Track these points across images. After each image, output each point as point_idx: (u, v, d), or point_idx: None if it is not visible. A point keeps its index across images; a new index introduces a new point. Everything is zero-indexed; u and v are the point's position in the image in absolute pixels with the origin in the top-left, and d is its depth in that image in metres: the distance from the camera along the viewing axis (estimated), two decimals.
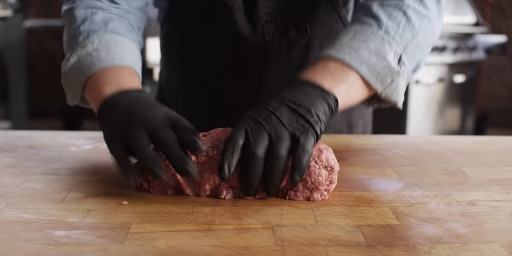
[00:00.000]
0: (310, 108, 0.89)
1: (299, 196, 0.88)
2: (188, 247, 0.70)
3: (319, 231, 0.76)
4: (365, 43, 0.98)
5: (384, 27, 1.00)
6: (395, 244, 0.72)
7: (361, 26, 1.01)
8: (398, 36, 1.01)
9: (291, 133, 0.86)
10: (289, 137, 0.86)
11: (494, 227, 0.79)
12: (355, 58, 0.97)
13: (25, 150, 1.12)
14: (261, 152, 0.84)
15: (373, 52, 0.98)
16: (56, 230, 0.74)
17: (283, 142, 0.85)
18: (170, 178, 0.88)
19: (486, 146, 1.25)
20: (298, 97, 0.90)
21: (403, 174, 1.02)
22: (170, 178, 0.88)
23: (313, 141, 0.87)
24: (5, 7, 3.90)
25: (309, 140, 0.86)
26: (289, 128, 0.86)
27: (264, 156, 0.84)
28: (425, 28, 1.04)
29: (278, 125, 0.86)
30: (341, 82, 0.95)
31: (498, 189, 0.96)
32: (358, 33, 1.00)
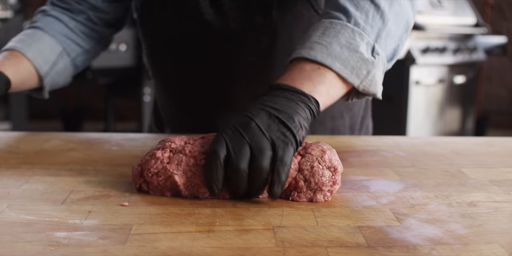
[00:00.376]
0: (291, 114, 0.88)
1: (302, 197, 0.88)
2: (189, 248, 0.70)
3: (320, 232, 0.76)
4: (335, 38, 0.97)
5: (353, 19, 0.99)
6: (395, 245, 0.72)
7: (330, 21, 1.00)
8: (368, 26, 0.99)
9: (271, 143, 0.85)
10: (270, 147, 0.85)
11: (494, 228, 0.79)
12: (327, 54, 0.96)
13: (26, 152, 1.12)
14: (244, 166, 0.84)
15: (345, 46, 0.97)
16: (57, 232, 0.74)
17: (264, 153, 0.84)
18: None
19: (486, 147, 1.25)
20: (279, 103, 0.89)
21: (404, 175, 1.02)
22: None
23: (292, 151, 0.86)
24: (5, 8, 3.90)
25: (288, 152, 0.85)
26: (269, 137, 0.85)
27: (247, 168, 0.84)
28: (395, 13, 1.03)
29: (259, 134, 0.85)
30: (319, 84, 0.94)
31: (499, 190, 0.96)
32: (328, 28, 0.99)
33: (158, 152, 0.91)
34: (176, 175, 0.88)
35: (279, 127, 0.87)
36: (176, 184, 0.88)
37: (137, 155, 1.08)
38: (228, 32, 1.23)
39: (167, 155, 0.90)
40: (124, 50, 3.76)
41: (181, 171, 0.88)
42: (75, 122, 4.85)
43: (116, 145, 1.19)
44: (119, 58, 3.77)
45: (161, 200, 0.87)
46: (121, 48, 3.74)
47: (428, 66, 4.21)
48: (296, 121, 0.88)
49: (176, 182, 0.88)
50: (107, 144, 1.20)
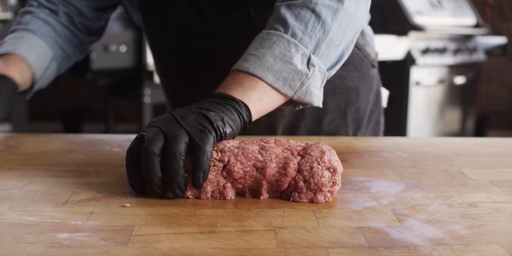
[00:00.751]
0: (213, 110, 0.89)
1: (302, 198, 0.89)
2: (191, 249, 0.70)
3: (321, 233, 0.76)
4: (270, 50, 0.98)
5: (290, 29, 0.99)
6: (396, 246, 0.73)
7: (268, 32, 1.01)
8: (306, 36, 0.99)
9: (188, 132, 0.85)
10: (186, 136, 0.85)
11: (495, 228, 0.79)
12: (259, 66, 0.97)
13: (27, 153, 1.12)
14: (155, 149, 0.84)
15: (278, 58, 0.97)
16: (59, 233, 0.74)
17: (178, 140, 0.84)
18: None
19: (486, 148, 1.25)
20: (206, 105, 0.91)
21: (404, 176, 1.02)
22: None
23: (211, 139, 0.86)
24: (6, 9, 3.90)
25: (207, 140, 0.85)
26: (186, 128, 0.86)
27: (159, 153, 0.84)
28: (340, 21, 1.02)
29: (176, 126, 0.86)
30: (250, 90, 0.95)
31: (499, 190, 0.96)
32: (264, 40, 1.00)
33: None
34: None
35: (198, 118, 0.87)
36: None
37: None
38: (209, 30, 1.24)
39: None
40: (124, 51, 3.76)
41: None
42: (76, 123, 4.85)
43: (117, 146, 1.19)
44: (120, 59, 3.77)
45: (162, 201, 0.87)
46: (121, 49, 3.74)
47: (428, 67, 4.21)
48: (216, 115, 0.88)
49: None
50: (108, 145, 1.20)
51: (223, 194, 0.88)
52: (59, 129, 4.86)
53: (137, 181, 0.88)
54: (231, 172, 0.87)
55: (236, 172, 0.87)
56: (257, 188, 0.89)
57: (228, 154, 0.88)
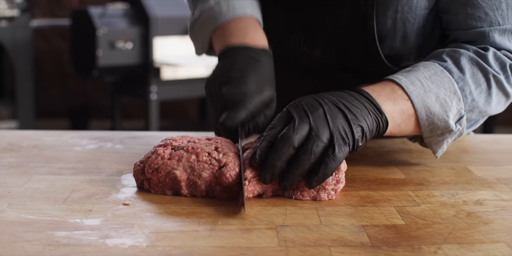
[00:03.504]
0: (360, 121, 0.88)
1: (305, 195, 0.87)
2: (191, 247, 0.69)
3: (323, 231, 0.75)
4: (436, 88, 0.97)
5: (462, 82, 0.99)
6: (400, 245, 0.71)
7: (442, 70, 0.99)
8: (470, 97, 0.99)
9: (330, 135, 0.84)
10: (328, 137, 0.84)
11: (501, 227, 0.78)
12: (421, 99, 0.96)
13: (28, 150, 1.12)
14: (296, 139, 0.83)
15: (439, 101, 0.97)
16: (57, 231, 0.73)
17: (320, 140, 0.83)
18: None
19: (493, 145, 1.23)
20: (354, 106, 0.89)
21: (409, 173, 1.01)
22: None
23: (347, 152, 0.85)
24: (12, 6, 3.90)
25: (343, 150, 0.84)
26: (331, 129, 0.85)
27: (297, 146, 0.83)
28: (498, 102, 1.03)
29: (322, 120, 0.85)
30: (398, 113, 0.94)
31: (506, 188, 0.95)
32: (437, 75, 0.98)
33: (159, 148, 0.90)
34: (176, 170, 0.87)
35: (344, 125, 0.86)
36: (176, 180, 0.87)
37: (140, 153, 1.07)
38: None
39: (169, 152, 0.89)
40: (130, 48, 3.74)
41: (181, 167, 0.87)
42: (82, 120, 4.84)
43: (120, 143, 1.18)
44: (126, 56, 3.76)
45: (163, 199, 0.87)
46: (127, 46, 3.73)
47: None
48: (359, 131, 0.87)
49: (177, 177, 0.87)
50: (111, 142, 1.19)
51: (214, 195, 0.87)
52: (66, 126, 4.86)
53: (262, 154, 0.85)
54: (221, 176, 0.86)
55: (226, 178, 0.85)
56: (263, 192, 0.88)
57: (229, 158, 0.87)
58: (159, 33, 3.79)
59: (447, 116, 0.97)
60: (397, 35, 1.09)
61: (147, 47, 3.83)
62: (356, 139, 0.86)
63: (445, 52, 1.03)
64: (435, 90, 0.97)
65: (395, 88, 0.96)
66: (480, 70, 1.00)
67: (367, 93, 0.92)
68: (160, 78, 3.79)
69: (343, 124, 0.86)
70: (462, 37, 1.06)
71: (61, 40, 5.07)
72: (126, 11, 3.88)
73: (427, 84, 0.97)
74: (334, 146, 0.84)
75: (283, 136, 0.84)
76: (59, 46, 5.10)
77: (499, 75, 1.01)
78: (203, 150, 0.88)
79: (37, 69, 4.70)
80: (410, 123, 0.97)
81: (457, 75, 0.99)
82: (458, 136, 1.02)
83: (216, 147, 0.89)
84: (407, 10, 1.07)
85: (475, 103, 1.00)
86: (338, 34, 1.14)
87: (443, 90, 0.97)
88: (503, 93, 1.03)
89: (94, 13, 3.75)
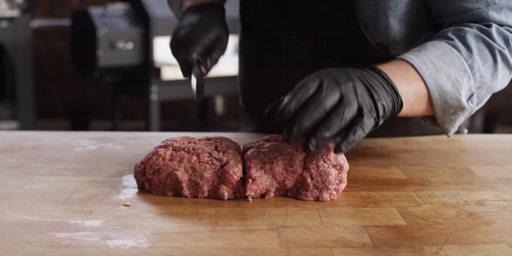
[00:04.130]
0: (382, 100, 0.88)
1: (308, 196, 0.87)
2: (192, 248, 0.69)
3: (325, 232, 0.75)
4: (447, 67, 0.98)
5: (471, 60, 1.00)
6: (401, 245, 0.71)
7: (451, 48, 1.00)
8: (478, 74, 1.01)
9: (359, 106, 0.85)
10: (357, 108, 0.85)
11: (502, 227, 0.78)
12: (433, 79, 0.97)
13: (29, 151, 1.12)
14: (328, 103, 0.83)
15: (451, 80, 0.98)
16: (58, 232, 0.73)
17: (350, 107, 0.84)
18: None
19: (494, 145, 1.23)
20: (375, 85, 0.90)
21: (411, 174, 1.01)
22: None
23: (372, 123, 0.86)
24: (12, 7, 3.90)
25: (370, 121, 0.85)
26: (360, 101, 0.85)
27: (328, 110, 0.83)
28: (503, 76, 1.04)
29: (352, 92, 0.86)
30: (413, 94, 0.95)
31: (507, 188, 0.94)
32: (446, 54, 0.99)
33: (160, 149, 0.90)
34: (177, 171, 0.87)
35: (370, 101, 0.87)
36: (177, 181, 0.87)
37: (141, 154, 1.07)
38: None
39: (170, 152, 0.89)
40: (131, 49, 3.74)
41: (182, 168, 0.87)
42: (83, 121, 4.84)
43: (121, 144, 1.18)
44: (126, 56, 3.75)
45: (163, 200, 0.86)
46: (128, 47, 3.73)
47: None
48: (382, 106, 0.88)
49: (178, 178, 0.86)
50: (112, 143, 1.19)
51: (218, 194, 0.87)
52: (66, 126, 4.86)
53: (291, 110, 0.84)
54: (225, 174, 0.86)
55: (230, 175, 0.85)
56: (266, 191, 0.88)
57: (230, 156, 0.87)
58: (160, 33, 3.79)
59: (459, 94, 0.98)
60: (380, 22, 1.11)
61: (147, 47, 3.82)
62: (380, 115, 0.87)
63: (450, 30, 1.04)
64: (446, 69, 0.98)
65: (409, 68, 0.97)
66: (486, 46, 1.02)
67: (385, 74, 0.93)
68: (161, 78, 3.79)
69: (369, 100, 0.87)
70: (462, 21, 1.07)
71: (62, 40, 5.07)
72: (127, 12, 3.88)
73: (438, 63, 0.98)
74: (363, 116, 0.84)
75: (316, 98, 0.84)
76: (60, 46, 5.10)
77: (504, 50, 1.03)
78: (204, 151, 0.88)
79: (37, 69, 4.70)
80: (423, 103, 0.98)
81: (465, 53, 1.01)
82: (469, 114, 1.03)
83: (216, 146, 0.89)
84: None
85: (483, 79, 1.01)
86: (326, 21, 1.17)
87: (453, 69, 0.99)
88: (508, 67, 1.04)
89: (94, 13, 3.75)
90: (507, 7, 1.05)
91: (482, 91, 1.02)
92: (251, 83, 1.39)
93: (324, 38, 1.21)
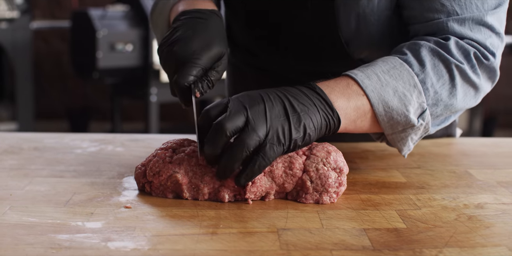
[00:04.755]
0: (304, 120, 0.86)
1: (308, 199, 0.88)
2: (192, 251, 0.69)
3: (325, 235, 0.75)
4: (394, 81, 0.94)
5: (423, 74, 0.95)
6: (401, 248, 0.71)
7: (401, 63, 0.96)
8: (432, 90, 0.96)
9: (267, 132, 0.83)
10: (264, 133, 0.83)
11: (502, 230, 0.78)
12: (377, 93, 0.93)
13: (29, 152, 1.12)
14: (229, 127, 0.82)
15: (398, 95, 0.93)
16: (59, 234, 0.73)
17: (255, 133, 0.82)
18: None
19: (494, 148, 1.23)
20: (301, 103, 0.87)
21: (410, 177, 1.01)
22: None
23: (280, 153, 0.84)
24: (12, 8, 3.90)
25: (275, 151, 0.84)
26: (268, 126, 0.83)
27: (230, 135, 0.83)
28: (465, 94, 0.99)
29: (261, 116, 0.84)
30: (353, 109, 0.92)
31: (506, 192, 0.95)
32: (395, 68, 0.95)
33: (161, 151, 0.90)
34: (178, 174, 0.87)
35: (284, 124, 0.84)
36: (178, 183, 0.87)
37: (141, 156, 1.07)
38: None
39: (170, 155, 0.90)
40: (130, 50, 3.75)
41: (183, 170, 0.87)
42: (82, 122, 4.84)
43: (121, 146, 1.18)
44: (126, 58, 3.76)
45: (164, 202, 0.87)
46: (127, 48, 3.73)
47: None
48: (301, 127, 0.85)
49: (178, 180, 0.87)
50: (112, 144, 1.19)
51: (219, 196, 0.87)
52: (65, 128, 4.86)
53: None
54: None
55: (231, 178, 0.86)
56: (266, 194, 0.88)
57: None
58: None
59: (406, 110, 0.94)
60: (363, 36, 1.08)
61: (147, 49, 3.83)
62: (293, 139, 0.84)
63: (406, 45, 1.01)
64: (393, 83, 0.94)
65: (350, 83, 0.93)
66: (442, 61, 0.97)
67: (320, 89, 0.90)
68: (160, 80, 3.79)
69: (283, 123, 0.84)
70: (422, 30, 1.03)
71: (61, 41, 5.08)
72: (126, 13, 3.88)
73: (384, 77, 0.94)
74: (266, 145, 0.83)
75: (217, 122, 0.83)
76: (59, 47, 5.10)
77: (462, 64, 0.97)
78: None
79: (37, 70, 4.71)
80: (366, 119, 0.94)
81: (417, 67, 0.96)
82: (424, 133, 0.98)
83: None
84: (369, 12, 1.06)
85: (438, 96, 0.96)
86: (308, 39, 1.15)
87: (401, 84, 0.94)
88: (469, 84, 0.99)
89: (94, 15, 3.76)
90: (471, 19, 1.00)
91: (439, 109, 0.97)
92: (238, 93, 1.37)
93: (304, 56, 1.18)
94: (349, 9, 1.06)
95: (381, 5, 1.05)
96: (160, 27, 1.16)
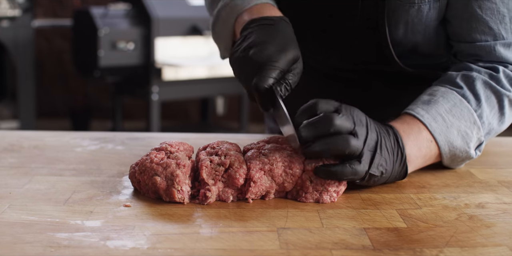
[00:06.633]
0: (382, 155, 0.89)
1: (308, 198, 0.87)
2: (192, 250, 0.69)
3: (325, 234, 0.75)
4: (457, 122, 0.99)
5: (480, 109, 1.00)
6: (402, 248, 0.71)
7: (461, 99, 1.00)
8: (487, 121, 1.01)
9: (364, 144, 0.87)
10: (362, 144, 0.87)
11: (503, 230, 0.78)
12: (444, 136, 0.98)
13: (29, 151, 1.11)
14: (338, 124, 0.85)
15: (461, 134, 0.99)
16: (58, 232, 0.73)
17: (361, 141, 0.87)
18: None
19: (495, 148, 1.23)
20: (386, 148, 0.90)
21: (411, 176, 1.01)
22: None
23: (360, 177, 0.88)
24: (14, 6, 3.90)
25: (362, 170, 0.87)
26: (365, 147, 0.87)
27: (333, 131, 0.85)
28: (509, 117, 1.04)
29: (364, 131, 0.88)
30: (422, 157, 0.97)
31: (508, 191, 0.94)
32: (456, 106, 1.00)
33: (153, 152, 0.90)
34: (157, 177, 0.86)
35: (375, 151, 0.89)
36: (156, 186, 0.86)
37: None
38: None
39: (161, 156, 0.89)
40: (132, 49, 3.74)
41: (164, 175, 0.86)
42: (84, 121, 4.84)
43: (121, 144, 1.18)
44: (128, 56, 3.75)
45: (163, 201, 0.86)
46: (129, 47, 3.73)
47: None
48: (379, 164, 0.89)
49: (156, 183, 0.86)
50: (112, 143, 1.19)
51: (222, 198, 0.87)
52: (67, 126, 4.85)
53: None
54: (230, 178, 0.86)
55: (237, 179, 0.85)
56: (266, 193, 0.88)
57: (233, 158, 0.87)
58: (161, 34, 3.79)
59: (468, 147, 1.00)
60: (409, 43, 1.11)
61: (148, 47, 3.82)
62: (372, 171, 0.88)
63: (459, 76, 1.04)
64: (456, 124, 0.99)
65: (421, 128, 0.97)
66: (493, 92, 1.02)
67: (401, 140, 0.93)
68: (162, 79, 3.79)
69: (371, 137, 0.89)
70: (468, 50, 1.07)
71: (63, 40, 5.07)
72: (128, 12, 3.88)
73: (448, 118, 0.98)
74: (361, 162, 0.86)
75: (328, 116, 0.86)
76: (61, 46, 5.10)
77: (510, 92, 1.02)
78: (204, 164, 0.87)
79: (38, 69, 4.70)
80: (431, 159, 0.99)
81: (474, 103, 1.01)
82: None
83: (216, 152, 0.89)
84: (417, 21, 1.08)
85: (491, 126, 1.02)
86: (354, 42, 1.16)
87: (463, 122, 0.99)
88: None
89: (96, 13, 3.75)
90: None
91: (490, 136, 1.04)
92: None
93: (349, 58, 1.20)
94: (399, 16, 1.08)
95: (430, 15, 1.08)
96: (224, 37, 1.15)
